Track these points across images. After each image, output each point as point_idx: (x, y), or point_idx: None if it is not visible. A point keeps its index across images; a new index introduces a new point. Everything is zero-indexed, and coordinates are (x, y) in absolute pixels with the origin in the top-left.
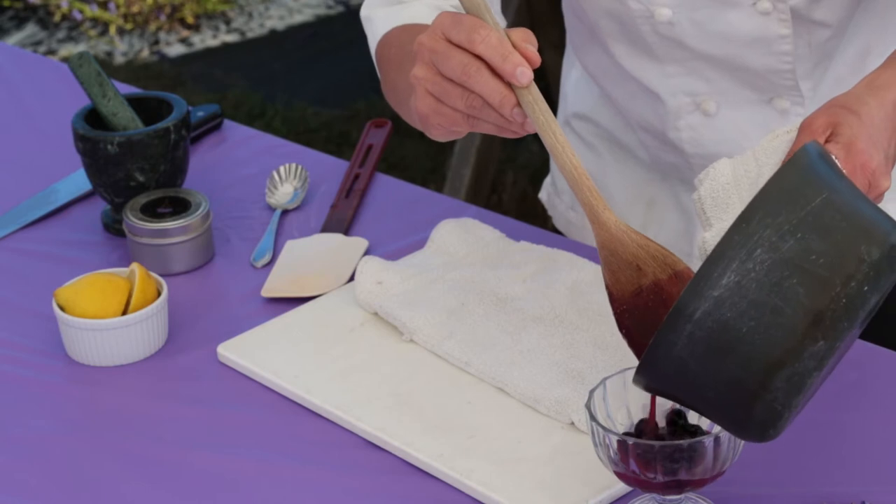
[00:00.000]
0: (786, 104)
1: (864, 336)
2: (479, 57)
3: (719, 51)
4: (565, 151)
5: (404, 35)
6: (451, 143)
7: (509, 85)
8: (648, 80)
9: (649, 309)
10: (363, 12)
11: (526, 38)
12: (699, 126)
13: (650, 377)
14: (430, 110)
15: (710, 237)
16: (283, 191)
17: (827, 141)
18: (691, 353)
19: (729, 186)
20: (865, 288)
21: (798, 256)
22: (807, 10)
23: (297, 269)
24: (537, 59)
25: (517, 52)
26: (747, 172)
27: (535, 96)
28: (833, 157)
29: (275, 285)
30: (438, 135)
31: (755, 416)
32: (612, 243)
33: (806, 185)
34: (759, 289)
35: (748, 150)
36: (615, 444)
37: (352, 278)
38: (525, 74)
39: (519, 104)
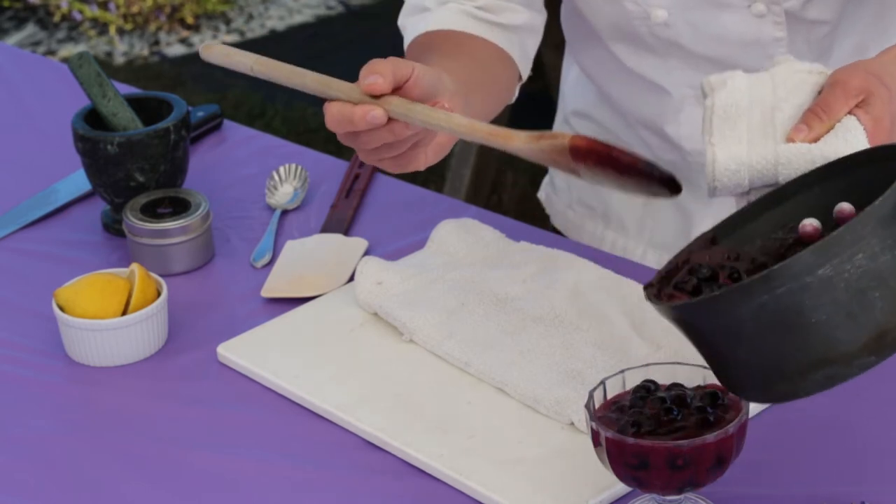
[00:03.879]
0: None
1: None
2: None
3: (714, 52)
4: (451, 121)
5: (419, 48)
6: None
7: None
8: (651, 76)
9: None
10: (400, 21)
11: (365, 74)
12: (700, 119)
13: (694, 314)
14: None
15: (720, 153)
16: (283, 191)
17: (857, 106)
18: (753, 317)
19: (742, 105)
20: None
21: (889, 272)
22: (801, 10)
23: (296, 269)
24: (376, 86)
25: (360, 104)
26: (762, 99)
27: (399, 104)
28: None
29: (274, 285)
30: (392, 167)
31: (772, 390)
32: (533, 154)
33: None
34: (846, 290)
35: (764, 72)
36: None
37: (352, 278)
38: (375, 117)
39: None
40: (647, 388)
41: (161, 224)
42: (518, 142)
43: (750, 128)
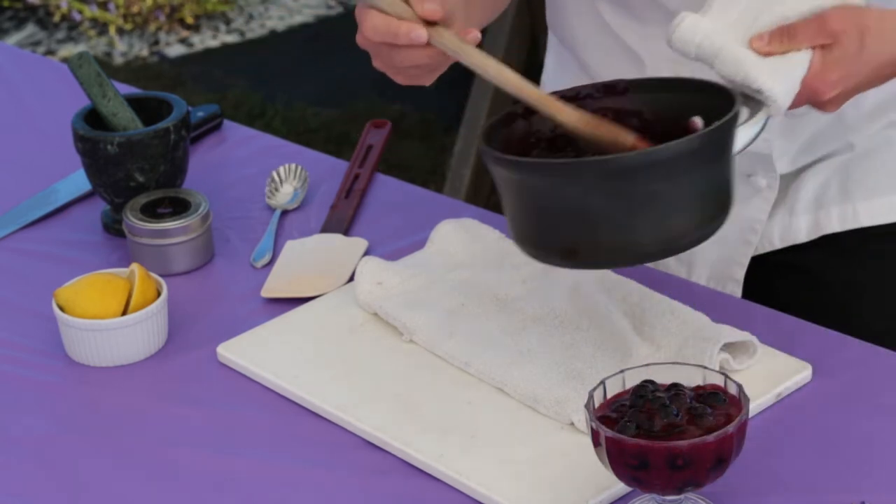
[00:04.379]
0: None
1: (864, 336)
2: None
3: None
4: (502, 76)
5: None
6: (451, 144)
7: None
8: (631, 41)
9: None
10: None
11: None
12: None
13: (514, 169)
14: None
15: (691, 17)
16: (283, 191)
17: (822, 46)
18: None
19: None
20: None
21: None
22: None
23: (296, 269)
24: (435, 13)
25: (405, 21)
26: None
27: (451, 40)
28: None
29: (274, 285)
30: (402, 80)
31: (548, 255)
32: (584, 135)
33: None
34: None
35: None
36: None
37: (352, 278)
38: (420, 36)
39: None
40: (647, 388)
41: (161, 224)
42: (571, 118)
43: (737, 15)
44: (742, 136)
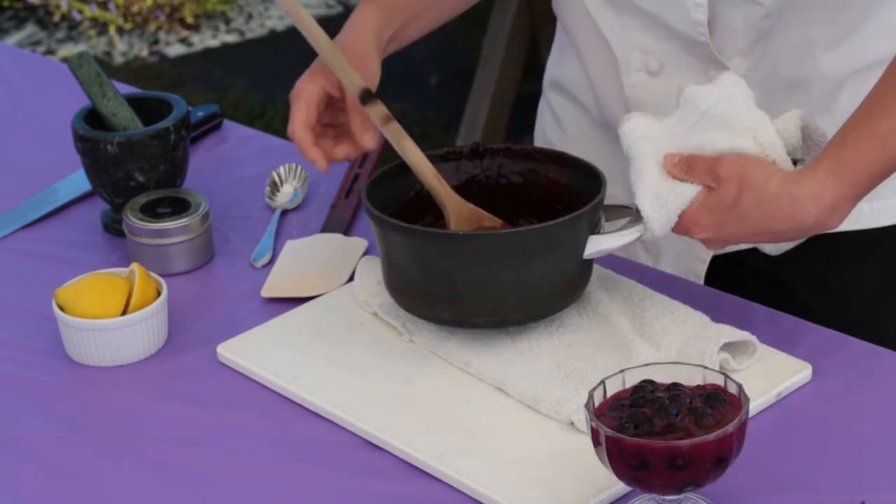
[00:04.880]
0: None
1: (865, 336)
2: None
3: (649, 6)
4: (406, 149)
5: None
6: (451, 144)
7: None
8: (607, 29)
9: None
10: None
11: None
12: (642, 85)
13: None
14: None
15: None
16: (284, 191)
17: (708, 188)
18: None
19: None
20: None
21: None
22: None
23: (296, 269)
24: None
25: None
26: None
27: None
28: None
29: (274, 285)
30: None
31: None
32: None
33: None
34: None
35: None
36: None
37: (352, 278)
38: (322, 170)
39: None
40: (647, 388)
41: (161, 224)
42: (449, 204)
43: (680, 128)
44: (609, 241)
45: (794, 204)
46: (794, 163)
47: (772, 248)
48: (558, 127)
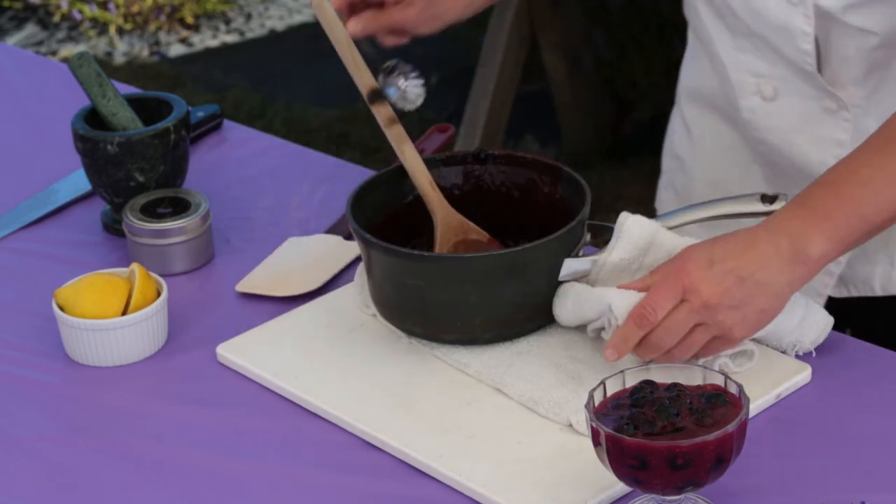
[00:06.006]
0: (832, 106)
1: (865, 336)
2: None
3: (760, 29)
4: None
5: None
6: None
7: None
8: (722, 50)
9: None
10: None
11: None
12: (757, 109)
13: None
14: None
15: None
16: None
17: (683, 300)
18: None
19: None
20: None
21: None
22: (841, 13)
23: (279, 267)
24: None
25: None
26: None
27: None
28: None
29: (250, 281)
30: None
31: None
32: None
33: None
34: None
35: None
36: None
37: (331, 282)
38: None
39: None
40: (647, 388)
41: (161, 224)
42: (439, 213)
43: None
44: (584, 264)
45: (755, 239)
46: None
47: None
48: (688, 139)
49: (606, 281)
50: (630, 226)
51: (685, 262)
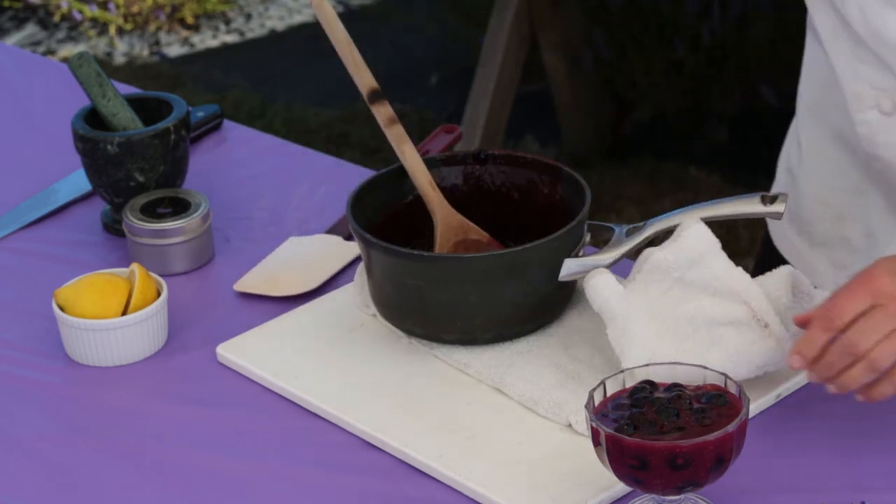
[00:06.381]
0: None
1: None
2: None
3: (879, 48)
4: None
5: None
6: None
7: None
8: (838, 61)
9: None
10: None
11: None
12: (874, 123)
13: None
14: None
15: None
16: None
17: (873, 305)
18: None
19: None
20: None
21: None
22: None
23: (277, 267)
24: None
25: None
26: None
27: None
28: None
29: (247, 281)
30: None
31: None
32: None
33: None
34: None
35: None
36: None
37: (327, 283)
38: None
39: None
40: (647, 388)
41: (161, 224)
42: (438, 214)
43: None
44: (585, 264)
45: None
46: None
47: None
48: (799, 154)
49: (644, 280)
50: (690, 233)
51: (872, 270)
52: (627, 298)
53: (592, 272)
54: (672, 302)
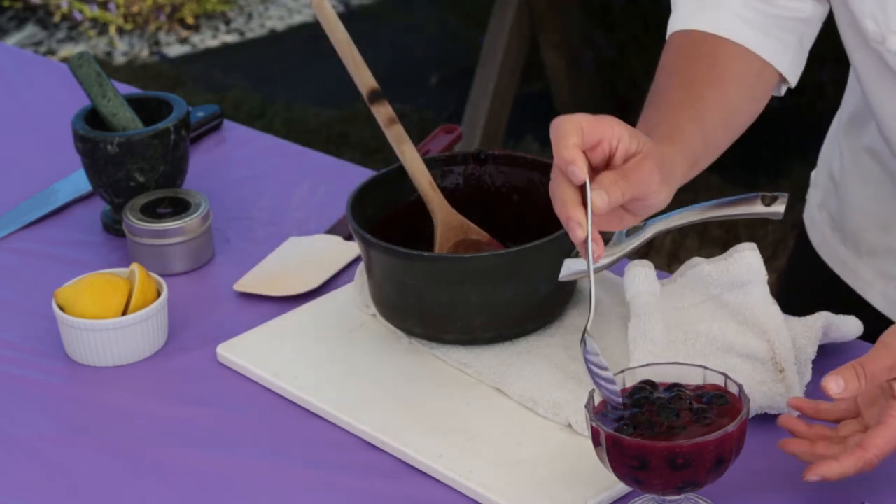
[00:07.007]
0: None
1: (865, 336)
2: None
3: None
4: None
5: (675, 59)
6: None
7: None
8: (881, 98)
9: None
10: None
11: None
12: None
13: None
14: None
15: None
16: None
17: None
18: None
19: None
20: None
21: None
22: None
23: (276, 267)
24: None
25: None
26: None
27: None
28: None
29: (248, 281)
30: None
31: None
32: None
33: None
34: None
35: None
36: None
37: (327, 283)
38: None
39: None
40: (647, 388)
41: (161, 224)
42: (439, 214)
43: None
44: (585, 264)
45: None
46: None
47: None
48: (841, 163)
49: (682, 285)
50: (743, 256)
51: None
52: (659, 298)
53: (635, 262)
54: (700, 316)
